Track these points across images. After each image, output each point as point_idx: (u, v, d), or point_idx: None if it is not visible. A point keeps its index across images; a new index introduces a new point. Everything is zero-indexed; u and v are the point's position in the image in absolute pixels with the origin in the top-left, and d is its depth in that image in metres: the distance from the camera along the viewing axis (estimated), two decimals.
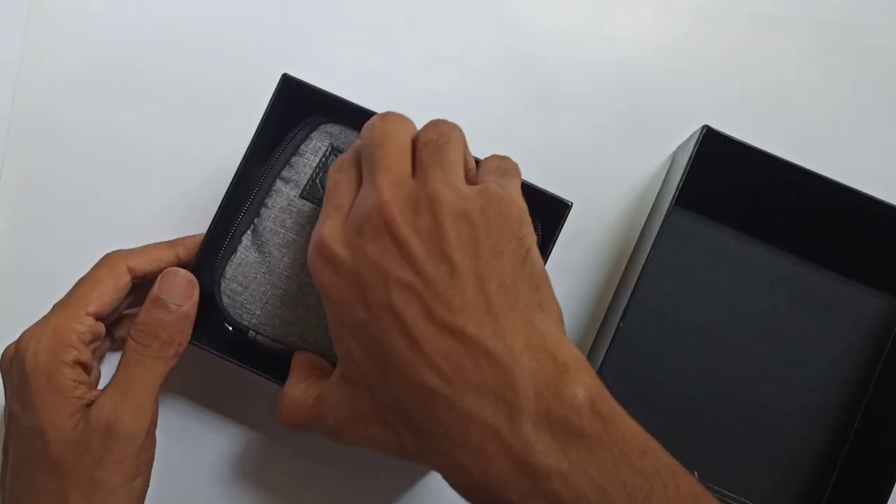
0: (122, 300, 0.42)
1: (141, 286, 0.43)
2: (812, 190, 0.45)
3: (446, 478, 0.31)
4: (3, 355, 0.41)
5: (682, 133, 0.48)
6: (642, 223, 0.49)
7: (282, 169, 0.43)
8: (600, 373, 0.43)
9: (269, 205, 0.43)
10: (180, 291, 0.40)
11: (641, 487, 0.29)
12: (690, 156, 0.44)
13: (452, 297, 0.30)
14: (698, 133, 0.44)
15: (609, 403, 0.30)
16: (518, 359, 0.29)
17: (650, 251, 0.43)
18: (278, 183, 0.43)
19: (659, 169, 0.50)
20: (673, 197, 0.44)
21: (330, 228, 0.33)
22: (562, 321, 0.33)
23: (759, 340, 0.49)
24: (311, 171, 0.43)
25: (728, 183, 0.46)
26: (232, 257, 0.42)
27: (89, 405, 0.38)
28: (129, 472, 0.38)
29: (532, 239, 0.33)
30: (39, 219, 0.50)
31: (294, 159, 0.43)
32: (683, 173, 0.43)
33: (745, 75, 0.52)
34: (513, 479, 0.29)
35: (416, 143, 0.34)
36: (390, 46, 0.51)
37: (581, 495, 0.28)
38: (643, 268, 0.42)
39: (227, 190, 0.43)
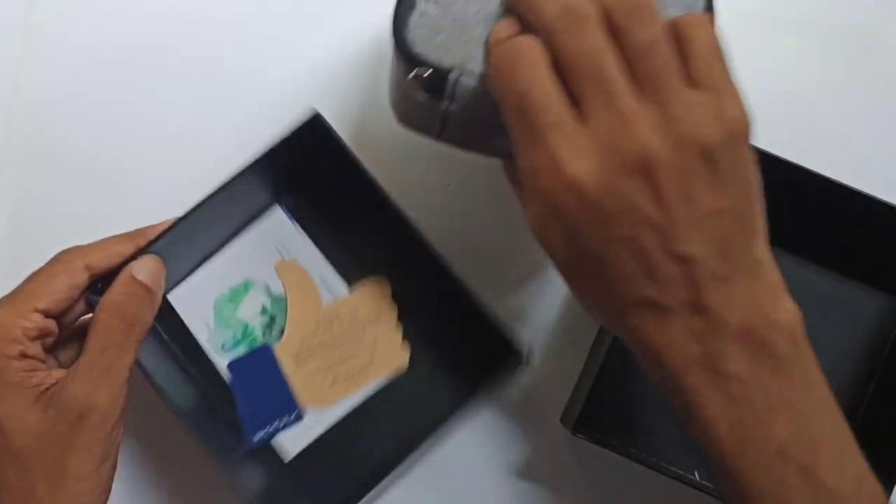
0: (77, 298, 0.40)
1: (96, 283, 0.42)
2: (812, 190, 0.45)
3: (630, 344, 0.33)
4: None
5: None
6: None
7: None
8: (601, 372, 0.43)
9: None
10: (156, 275, 0.40)
11: (808, 415, 0.32)
12: None
13: (691, 234, 0.31)
14: None
15: (805, 335, 0.33)
16: (736, 280, 0.31)
17: None
18: None
19: None
20: None
21: (578, 165, 0.31)
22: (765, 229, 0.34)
23: None
24: None
25: None
26: (411, 14, 0.38)
27: (48, 390, 0.37)
28: (98, 457, 0.37)
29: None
30: (39, 219, 0.50)
31: None
32: None
33: (743, 75, 0.51)
34: (697, 370, 0.32)
35: (624, 44, 0.31)
36: None
37: (750, 402, 0.31)
38: None
39: (220, 187, 0.43)
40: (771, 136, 0.46)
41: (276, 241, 0.48)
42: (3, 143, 0.51)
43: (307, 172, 0.47)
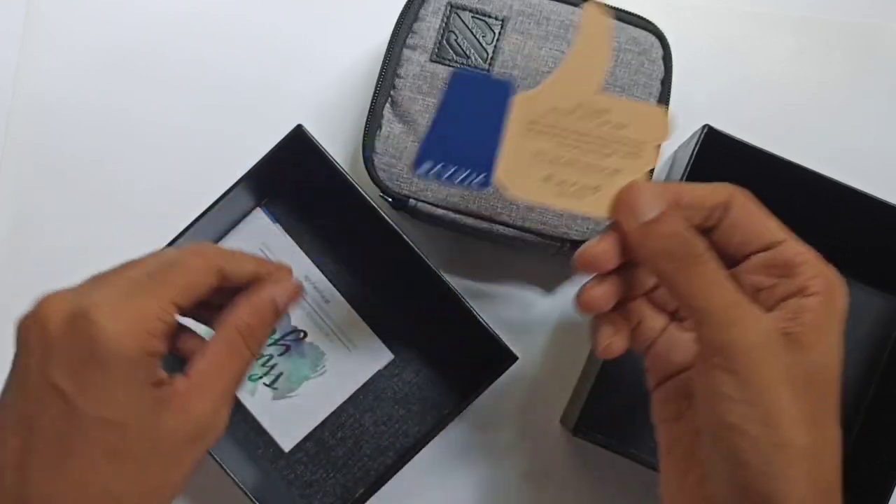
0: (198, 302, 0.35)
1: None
2: (812, 190, 0.45)
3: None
4: (47, 312, 0.32)
5: (682, 133, 0.48)
6: None
7: (406, 37, 0.44)
8: (600, 373, 0.43)
9: (402, 74, 0.44)
10: (291, 305, 0.36)
11: None
12: (690, 156, 0.44)
13: None
14: (698, 133, 0.44)
15: None
16: None
17: None
18: (406, 52, 0.44)
19: (659, 169, 0.50)
20: None
21: None
22: None
23: None
24: (435, 34, 0.44)
25: (728, 183, 0.46)
26: (378, 132, 0.44)
27: (161, 389, 0.33)
28: (195, 467, 0.34)
29: None
30: (39, 220, 0.50)
31: (416, 25, 0.44)
32: (683, 173, 0.43)
33: (746, 74, 0.52)
34: None
35: None
36: None
37: None
38: None
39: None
40: (771, 135, 0.46)
41: (261, 242, 0.49)
42: (1, 147, 0.51)
43: (292, 180, 0.48)
